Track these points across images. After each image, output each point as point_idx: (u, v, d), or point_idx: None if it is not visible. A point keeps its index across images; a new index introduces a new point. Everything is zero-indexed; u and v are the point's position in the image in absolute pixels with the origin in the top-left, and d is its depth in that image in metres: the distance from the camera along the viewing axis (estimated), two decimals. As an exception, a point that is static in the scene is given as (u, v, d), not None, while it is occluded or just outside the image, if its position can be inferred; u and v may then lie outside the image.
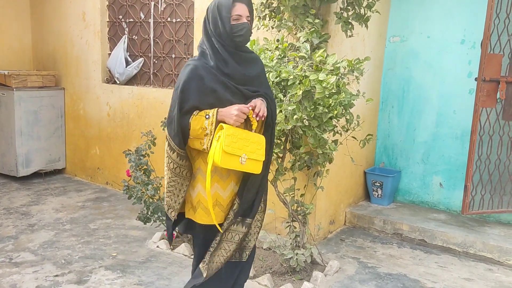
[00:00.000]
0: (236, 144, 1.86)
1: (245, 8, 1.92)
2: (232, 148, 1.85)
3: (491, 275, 3.08)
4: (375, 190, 4.05)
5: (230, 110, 1.87)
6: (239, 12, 1.90)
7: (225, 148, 1.83)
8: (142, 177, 3.25)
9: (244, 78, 1.95)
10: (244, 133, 1.90)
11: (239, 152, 1.87)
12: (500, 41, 3.33)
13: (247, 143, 1.89)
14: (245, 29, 1.90)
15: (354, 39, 3.48)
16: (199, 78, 1.88)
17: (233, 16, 1.90)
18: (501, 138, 3.47)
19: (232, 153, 1.86)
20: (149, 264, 3.07)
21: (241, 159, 1.88)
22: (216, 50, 1.91)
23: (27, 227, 3.66)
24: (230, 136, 1.85)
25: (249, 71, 1.97)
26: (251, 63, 2.01)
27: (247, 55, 2.00)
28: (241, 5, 1.91)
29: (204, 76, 1.88)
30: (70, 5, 4.86)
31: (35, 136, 4.87)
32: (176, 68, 4.30)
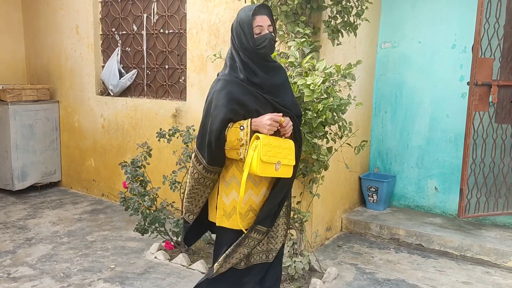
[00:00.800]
0: (271, 152, 1.96)
1: (265, 19, 1.99)
2: (268, 157, 1.94)
3: (488, 278, 3.10)
4: (371, 196, 4.07)
5: (263, 119, 1.95)
6: (260, 24, 1.97)
7: (263, 157, 1.92)
8: (138, 188, 3.25)
9: (272, 87, 2.04)
10: (277, 141, 1.99)
11: (274, 159, 1.96)
12: (490, 45, 3.38)
13: (280, 150, 1.98)
14: (267, 40, 1.97)
15: (346, 46, 3.52)
16: (230, 93, 1.95)
17: (254, 29, 1.97)
18: (494, 141, 3.51)
19: (268, 162, 1.95)
20: (147, 275, 3.06)
21: (275, 166, 1.97)
22: (245, 63, 2.00)
23: (25, 241, 3.64)
24: (266, 146, 1.94)
25: (275, 79, 2.06)
26: (277, 71, 2.10)
27: (272, 64, 2.09)
28: (261, 17, 1.98)
29: (235, 90, 1.95)
30: (63, 19, 4.88)
31: (30, 149, 4.87)
32: (169, 78, 4.32)
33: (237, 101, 1.94)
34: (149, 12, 4.36)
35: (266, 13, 2.00)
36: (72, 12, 4.79)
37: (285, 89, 2.11)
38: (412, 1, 3.99)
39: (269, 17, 2.00)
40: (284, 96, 2.08)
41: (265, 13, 1.99)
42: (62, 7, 4.86)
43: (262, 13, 1.98)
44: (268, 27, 1.98)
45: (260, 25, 1.96)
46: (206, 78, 3.87)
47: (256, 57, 1.99)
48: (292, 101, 2.12)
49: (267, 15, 2.00)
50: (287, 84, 2.14)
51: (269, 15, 2.01)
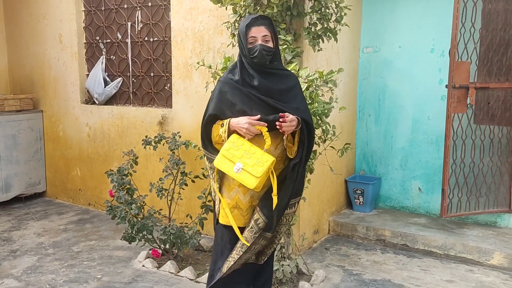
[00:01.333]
0: (237, 152, 2.01)
1: (261, 30, 2.05)
2: (230, 154, 2.01)
3: (471, 276, 3.17)
4: (357, 198, 4.13)
5: (241, 121, 2.02)
6: (253, 35, 2.05)
7: (223, 151, 2.03)
8: (125, 196, 3.24)
9: (271, 91, 2.08)
10: (250, 147, 2.02)
11: (236, 159, 2.00)
12: (467, 49, 3.48)
13: (248, 155, 2.00)
14: (257, 51, 2.03)
15: (329, 52, 3.58)
16: (223, 93, 2.10)
17: (248, 39, 2.06)
18: (473, 142, 3.60)
19: (229, 158, 2.01)
20: (135, 284, 3.05)
21: (235, 167, 2.00)
22: (244, 67, 2.09)
23: (9, 253, 3.59)
24: (232, 143, 2.02)
25: (277, 84, 2.10)
26: (281, 78, 2.13)
27: (276, 71, 2.13)
28: (256, 28, 2.05)
29: (227, 91, 2.09)
30: (46, 28, 4.86)
31: (14, 160, 4.81)
32: (155, 86, 4.33)
33: (225, 101, 2.08)
34: (133, 20, 4.37)
35: (263, 24, 2.06)
36: (55, 21, 4.77)
37: (293, 95, 2.13)
38: (391, 7, 4.09)
39: (267, 27, 2.07)
40: (291, 102, 2.10)
41: (263, 24, 2.06)
42: (45, 16, 4.84)
43: (258, 24, 2.06)
44: (262, 38, 2.05)
45: (254, 36, 2.05)
46: (191, 85, 3.89)
47: (253, 63, 2.08)
48: (300, 107, 2.11)
49: (265, 25, 2.06)
50: (296, 91, 2.16)
51: (267, 26, 2.07)
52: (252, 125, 2.00)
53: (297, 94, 2.17)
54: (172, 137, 3.49)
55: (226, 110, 2.08)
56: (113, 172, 3.32)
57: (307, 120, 2.11)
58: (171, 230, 3.19)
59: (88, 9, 4.63)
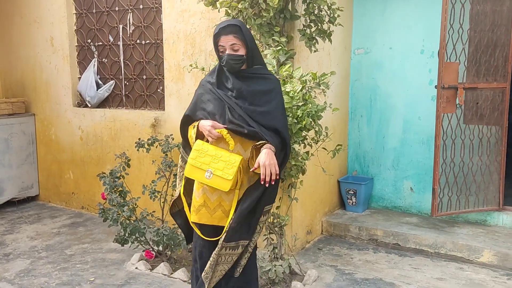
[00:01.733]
0: (203, 159, 2.04)
1: (229, 39, 2.07)
2: (198, 162, 2.04)
3: (462, 274, 3.20)
4: (350, 198, 4.16)
5: (206, 124, 2.08)
6: (221, 43, 2.09)
7: (190, 160, 2.07)
8: (117, 199, 3.25)
9: (243, 92, 2.10)
10: (215, 150, 2.03)
11: (205, 166, 2.03)
12: (455, 50, 3.53)
13: (216, 160, 2.02)
14: (225, 61, 2.08)
15: (320, 53, 3.61)
16: (199, 95, 2.21)
17: (218, 48, 2.11)
18: (463, 142, 3.65)
19: (197, 167, 2.05)
20: (128, 287, 3.05)
21: (206, 174, 2.03)
22: (221, 68, 2.15)
23: (2, 256, 3.58)
24: (197, 151, 2.06)
25: (252, 86, 2.12)
26: (258, 80, 2.15)
27: (253, 74, 2.15)
28: (224, 37, 2.08)
29: (203, 93, 2.19)
30: (37, 31, 4.85)
31: (6, 164, 4.79)
32: (147, 89, 4.34)
33: (199, 103, 2.18)
34: (125, 23, 4.38)
35: (232, 32, 2.06)
36: (46, 24, 4.76)
37: (268, 99, 2.12)
38: (381, 9, 4.13)
39: (236, 35, 2.06)
40: (264, 105, 2.11)
41: (231, 33, 2.06)
42: (36, 19, 4.83)
43: (226, 33, 2.07)
44: (231, 46, 2.06)
45: (222, 45, 2.09)
46: (183, 87, 3.91)
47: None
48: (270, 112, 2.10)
49: (233, 33, 2.06)
50: (273, 95, 2.15)
51: (236, 34, 2.06)
52: (215, 128, 2.05)
53: (273, 98, 2.14)
54: (165, 139, 3.51)
55: (198, 112, 2.17)
56: (105, 174, 3.33)
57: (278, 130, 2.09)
58: (164, 232, 3.20)
59: (80, 12, 4.63)
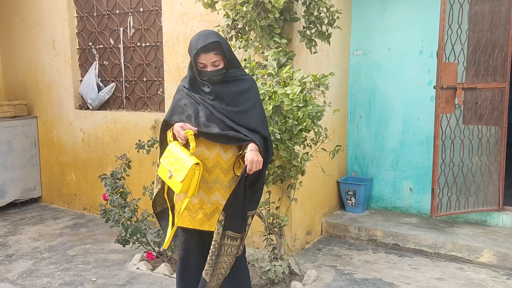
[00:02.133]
0: (169, 159, 2.08)
1: (209, 56, 2.04)
2: (165, 161, 2.10)
3: (461, 274, 3.22)
4: (349, 199, 4.18)
5: (176, 125, 2.13)
6: (202, 61, 2.06)
7: (161, 159, 2.14)
8: (118, 200, 3.28)
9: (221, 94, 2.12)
10: (179, 152, 2.07)
11: (169, 167, 2.08)
12: (454, 50, 3.55)
13: (176, 161, 2.05)
14: (206, 77, 2.09)
15: (319, 55, 3.63)
16: (176, 101, 2.21)
17: (198, 64, 2.08)
18: (462, 142, 3.66)
19: (164, 166, 2.11)
20: (129, 286, 3.08)
21: (168, 173, 2.08)
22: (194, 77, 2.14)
23: (5, 257, 3.62)
24: (167, 151, 2.12)
25: (230, 87, 2.14)
26: (234, 82, 2.15)
27: (229, 79, 2.15)
28: (205, 55, 2.04)
29: (180, 98, 2.20)
30: (39, 34, 4.89)
31: (9, 166, 4.83)
32: (148, 91, 4.37)
33: (177, 108, 2.19)
34: (126, 26, 4.41)
35: (212, 49, 2.03)
36: (48, 28, 4.81)
37: (246, 98, 2.15)
38: (380, 10, 4.15)
39: (217, 52, 2.04)
40: (242, 104, 2.13)
41: (211, 50, 2.03)
42: (38, 22, 4.88)
43: (207, 51, 2.02)
44: (212, 63, 2.05)
45: (202, 63, 2.07)
46: (183, 89, 3.93)
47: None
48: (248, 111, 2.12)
49: (214, 51, 2.03)
50: (250, 95, 2.17)
51: (217, 50, 2.04)
52: (183, 129, 2.07)
53: (251, 97, 2.16)
54: (165, 141, 3.53)
55: (174, 116, 2.18)
56: (106, 176, 3.36)
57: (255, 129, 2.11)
58: (164, 233, 3.22)
59: (81, 15, 4.68)
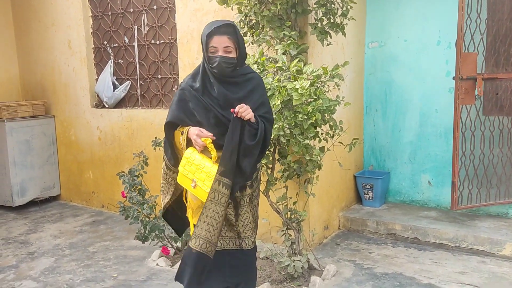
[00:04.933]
0: (190, 168, 2.00)
1: (223, 40, 1.97)
2: (186, 170, 2.02)
3: (484, 267, 3.16)
4: (366, 193, 4.14)
5: (193, 132, 2.01)
6: (214, 44, 1.98)
7: (180, 168, 2.04)
8: (137, 197, 3.31)
9: (229, 100, 2.02)
10: (200, 160, 2.00)
11: (191, 176, 2.01)
12: (473, 40, 3.47)
13: (198, 170, 1.99)
14: (216, 63, 1.98)
15: (334, 48, 3.60)
16: (183, 101, 2.08)
17: (209, 48, 1.99)
18: (483, 133, 3.59)
19: (185, 175, 2.02)
20: (150, 282, 3.11)
21: (192, 183, 2.01)
22: (205, 72, 2.06)
23: (27, 255, 3.68)
24: (186, 159, 2.02)
25: (237, 92, 2.04)
26: (241, 83, 2.07)
27: (236, 79, 2.06)
28: (218, 37, 1.97)
29: (188, 100, 2.06)
30: (55, 34, 4.95)
31: (28, 165, 4.91)
32: (162, 88, 4.39)
33: (186, 109, 2.06)
34: (140, 24, 4.43)
35: (227, 33, 1.97)
36: (63, 28, 4.86)
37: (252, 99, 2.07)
38: (396, 1, 4.08)
39: (231, 37, 1.98)
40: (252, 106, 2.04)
41: (226, 33, 1.97)
42: (54, 23, 4.93)
43: (221, 33, 1.96)
44: (224, 49, 1.97)
45: (215, 46, 1.97)
46: (198, 85, 3.93)
47: (212, 72, 2.03)
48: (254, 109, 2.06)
49: (228, 35, 1.97)
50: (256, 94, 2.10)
51: (231, 35, 1.98)
52: (200, 137, 1.97)
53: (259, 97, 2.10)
54: (181, 137, 3.54)
55: (185, 118, 2.06)
56: (124, 173, 3.39)
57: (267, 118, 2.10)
58: (183, 229, 3.23)
59: (96, 14, 4.71)
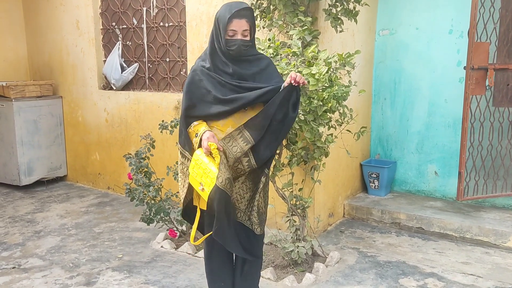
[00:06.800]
0: (198, 171, 2.02)
1: (242, 23, 2.01)
2: (194, 173, 2.03)
3: (488, 258, 3.16)
4: (372, 182, 4.13)
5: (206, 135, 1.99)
6: (234, 28, 2.02)
7: (190, 170, 2.05)
8: (143, 179, 3.32)
9: (244, 76, 2.08)
10: (206, 164, 1.99)
11: (199, 178, 2.01)
12: (486, 29, 3.41)
13: (204, 174, 2.00)
14: (236, 46, 2.02)
15: (344, 34, 3.55)
16: (196, 82, 2.08)
17: (228, 31, 2.02)
18: (492, 124, 3.55)
19: (194, 177, 2.04)
20: (154, 264, 3.15)
21: (200, 186, 2.02)
22: (215, 53, 2.07)
23: (33, 234, 3.73)
24: (195, 161, 2.03)
25: (250, 69, 2.09)
26: (253, 62, 2.11)
27: (248, 57, 2.10)
28: (238, 21, 2.01)
29: (201, 79, 2.07)
30: (63, 14, 4.92)
31: (35, 145, 4.94)
32: (170, 71, 4.37)
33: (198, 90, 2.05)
34: (149, 6, 4.40)
35: (245, 16, 2.01)
36: (72, 8, 4.83)
37: (268, 75, 2.12)
38: (409, -12, 4.01)
39: (248, 20, 2.02)
40: (268, 81, 2.10)
41: (244, 17, 2.01)
42: (62, 2, 4.90)
43: (240, 17, 2.00)
44: (243, 32, 2.02)
45: (234, 30, 2.01)
46: (206, 69, 3.91)
47: (228, 54, 2.05)
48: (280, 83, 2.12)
49: (246, 18, 2.02)
50: (270, 70, 2.15)
51: (249, 19, 2.03)
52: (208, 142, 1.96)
53: (272, 72, 2.16)
54: (188, 121, 3.53)
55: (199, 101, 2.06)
56: (131, 155, 3.40)
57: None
58: (188, 212, 3.25)
59: (104, -5, 4.68)
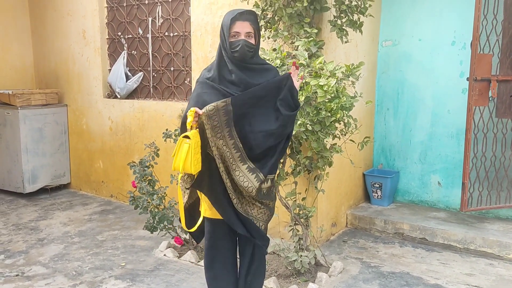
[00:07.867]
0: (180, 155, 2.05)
1: (245, 25, 2.04)
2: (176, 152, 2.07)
3: (492, 270, 3.15)
4: (375, 191, 4.13)
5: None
6: (236, 30, 2.04)
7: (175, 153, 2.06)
8: (147, 187, 3.33)
9: (250, 86, 2.07)
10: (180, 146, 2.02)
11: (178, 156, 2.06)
12: (489, 41, 3.44)
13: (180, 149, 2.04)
14: (239, 46, 2.03)
15: (347, 45, 3.58)
16: (200, 95, 2.10)
17: (231, 33, 2.04)
18: (495, 135, 3.56)
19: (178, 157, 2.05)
20: (157, 272, 3.14)
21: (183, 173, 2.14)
22: (224, 61, 2.08)
23: (37, 241, 3.74)
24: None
25: (257, 79, 2.08)
26: (261, 72, 2.13)
27: (255, 66, 2.12)
28: (241, 23, 2.04)
29: (205, 92, 2.09)
30: (70, 24, 4.99)
31: (40, 152, 4.97)
32: (175, 80, 4.41)
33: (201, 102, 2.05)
34: (154, 16, 4.45)
35: (248, 19, 2.04)
36: (78, 17, 4.89)
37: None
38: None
39: (252, 24, 2.05)
40: None
41: (248, 20, 2.04)
42: (69, 12, 4.97)
43: (243, 19, 2.03)
44: (246, 34, 2.04)
45: (237, 31, 2.03)
46: (210, 79, 3.95)
47: (233, 58, 2.07)
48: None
49: (249, 21, 2.04)
50: None
51: (252, 22, 2.05)
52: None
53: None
54: (192, 130, 3.55)
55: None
56: (135, 163, 3.42)
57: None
58: (191, 221, 3.26)
59: (111, 5, 4.74)
